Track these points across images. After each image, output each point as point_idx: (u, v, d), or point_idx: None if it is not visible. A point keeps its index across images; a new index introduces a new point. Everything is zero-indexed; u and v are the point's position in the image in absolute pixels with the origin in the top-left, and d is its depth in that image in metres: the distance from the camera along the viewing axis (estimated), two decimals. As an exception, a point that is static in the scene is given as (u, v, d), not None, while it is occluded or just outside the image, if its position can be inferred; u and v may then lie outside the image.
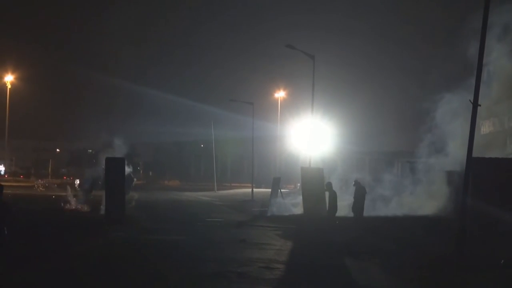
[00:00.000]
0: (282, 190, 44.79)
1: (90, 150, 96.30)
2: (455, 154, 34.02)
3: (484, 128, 39.13)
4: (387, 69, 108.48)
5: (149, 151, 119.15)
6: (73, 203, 37.26)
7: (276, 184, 44.00)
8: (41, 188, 62.74)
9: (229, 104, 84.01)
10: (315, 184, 31.34)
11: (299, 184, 46.80)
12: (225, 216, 37.62)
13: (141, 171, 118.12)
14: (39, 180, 75.94)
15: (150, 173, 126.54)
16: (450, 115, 35.79)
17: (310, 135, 44.10)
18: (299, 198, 33.24)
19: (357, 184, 31.26)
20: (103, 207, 30.70)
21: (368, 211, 32.05)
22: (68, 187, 41.73)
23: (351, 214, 31.08)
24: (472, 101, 18.76)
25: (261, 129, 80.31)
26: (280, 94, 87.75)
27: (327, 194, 30.09)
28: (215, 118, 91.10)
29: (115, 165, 30.11)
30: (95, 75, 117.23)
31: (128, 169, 35.45)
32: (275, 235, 26.08)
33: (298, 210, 34.03)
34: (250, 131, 69.84)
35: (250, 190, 65.14)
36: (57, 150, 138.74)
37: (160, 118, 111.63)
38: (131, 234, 24.73)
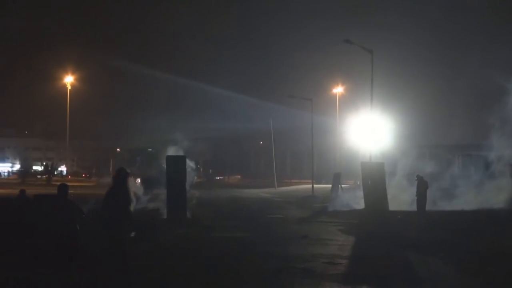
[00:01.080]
0: (342, 186, 44.68)
1: (151, 149, 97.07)
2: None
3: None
4: (447, 63, 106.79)
5: (209, 148, 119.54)
6: (135, 202, 37.50)
7: (336, 179, 43.95)
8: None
9: (288, 100, 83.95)
10: (376, 178, 31.13)
11: (358, 182, 46.59)
12: (286, 212, 37.73)
13: (201, 169, 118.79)
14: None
15: (210, 170, 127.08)
16: None
17: (370, 130, 43.81)
18: (360, 193, 33.04)
19: (419, 178, 31.32)
20: (165, 205, 30.85)
21: (430, 205, 31.79)
22: (130, 186, 41.84)
23: (414, 208, 30.94)
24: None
25: (320, 124, 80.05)
26: (338, 90, 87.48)
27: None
28: (273, 114, 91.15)
29: (176, 163, 30.31)
30: (154, 73, 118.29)
31: (191, 165, 35.46)
32: (337, 230, 26.03)
33: (359, 205, 33.85)
34: (308, 126, 69.60)
35: (310, 186, 65.02)
36: (118, 149, 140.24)
37: (218, 114, 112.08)
38: (194, 231, 24.92)
